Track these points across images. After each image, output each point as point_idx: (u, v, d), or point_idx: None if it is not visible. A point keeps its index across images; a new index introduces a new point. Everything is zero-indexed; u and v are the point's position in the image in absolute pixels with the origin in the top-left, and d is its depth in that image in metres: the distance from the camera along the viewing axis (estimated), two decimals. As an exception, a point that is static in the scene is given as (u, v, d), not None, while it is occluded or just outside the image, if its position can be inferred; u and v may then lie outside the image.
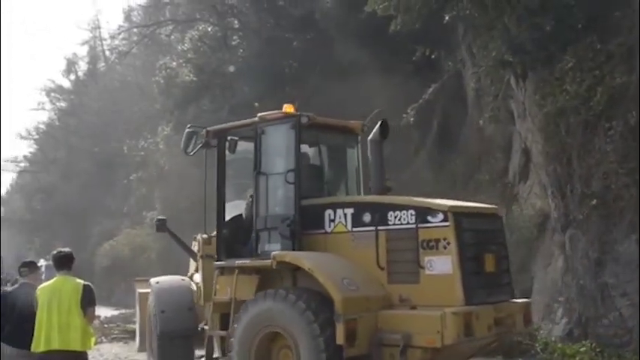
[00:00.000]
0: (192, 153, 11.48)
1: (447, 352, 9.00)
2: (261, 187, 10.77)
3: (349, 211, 10.12)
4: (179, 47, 35.98)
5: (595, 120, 13.98)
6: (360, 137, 11.85)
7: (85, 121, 59.89)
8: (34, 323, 8.31)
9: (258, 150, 10.85)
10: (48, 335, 8.17)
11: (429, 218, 9.33)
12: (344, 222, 10.12)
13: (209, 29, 30.97)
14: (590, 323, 13.99)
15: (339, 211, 10.20)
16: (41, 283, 8.80)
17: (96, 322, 24.62)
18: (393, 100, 23.44)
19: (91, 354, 17.79)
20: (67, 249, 9.02)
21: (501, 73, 17.11)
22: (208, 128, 11.54)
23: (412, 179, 23.40)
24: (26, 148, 76.67)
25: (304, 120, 10.69)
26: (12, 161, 72.19)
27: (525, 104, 16.72)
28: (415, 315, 9.13)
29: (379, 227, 9.72)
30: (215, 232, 11.55)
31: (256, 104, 22.26)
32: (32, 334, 8.29)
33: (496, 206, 10.70)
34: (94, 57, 64.88)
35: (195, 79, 30.49)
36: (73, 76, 66.68)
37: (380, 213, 9.79)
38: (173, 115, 33.91)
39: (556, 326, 14.77)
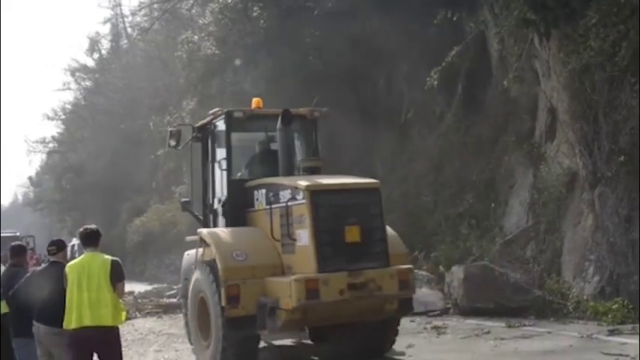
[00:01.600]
0: (180, 148, 13.53)
1: (319, 312, 10.48)
2: (210, 175, 13.06)
3: (263, 191, 11.75)
4: (200, 21, 35.92)
5: (620, 75, 13.86)
6: (312, 122, 13.36)
7: (111, 99, 60.18)
8: (64, 301, 8.37)
9: (211, 142, 13.08)
10: (79, 312, 8.22)
11: (297, 196, 10.70)
12: (262, 201, 11.73)
13: (229, 1, 30.83)
14: (621, 280, 13.98)
15: (261, 192, 11.81)
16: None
17: (130, 297, 25.18)
18: (416, 64, 23.34)
19: (125, 329, 18.42)
20: (93, 226, 9.07)
21: (524, 32, 16.98)
22: (195, 125, 13.66)
23: (438, 143, 23.38)
24: (54, 129, 76.88)
25: (238, 114, 12.52)
26: (40, 142, 72.86)
27: (550, 63, 16.57)
28: (279, 282, 10.54)
29: (273, 205, 11.26)
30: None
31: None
32: (63, 312, 8.35)
33: (374, 181, 11.34)
34: (116, 35, 65.14)
35: (217, 52, 30.44)
36: (96, 55, 66.90)
37: (274, 192, 11.38)
38: (197, 89, 33.94)
39: (587, 284, 14.74)
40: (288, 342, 13.83)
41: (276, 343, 13.60)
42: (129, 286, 29.36)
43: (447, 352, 12.18)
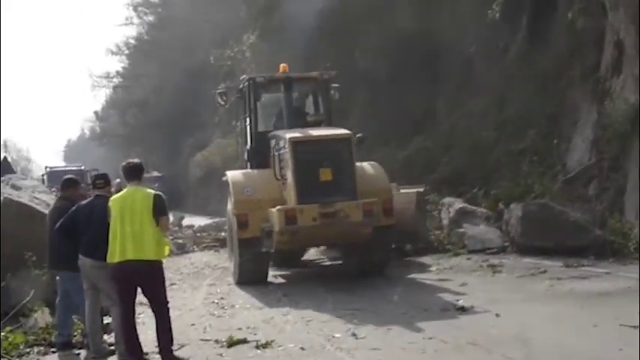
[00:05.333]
0: (227, 106, 16.65)
1: (301, 234, 13.30)
2: (244, 127, 16.32)
3: (273, 141, 14.69)
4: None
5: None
6: (323, 82, 15.91)
7: (173, 34, 60.16)
8: (108, 234, 8.43)
9: (244, 101, 15.99)
10: (123, 245, 8.29)
11: (285, 146, 13.61)
12: (275, 148, 14.51)
13: None
14: (685, 220, 13.64)
15: (272, 142, 14.73)
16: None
17: (189, 231, 25.49)
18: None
19: (182, 262, 18.83)
20: (136, 160, 9.09)
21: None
22: (241, 86, 16.14)
23: (501, 78, 22.98)
24: (118, 64, 76.99)
25: (260, 80, 15.63)
26: (105, 77, 73.42)
27: (617, -6, 16.04)
28: (271, 212, 13.24)
29: (276, 152, 14.37)
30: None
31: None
32: (107, 246, 8.42)
33: (346, 132, 13.88)
34: (177, -32, 64.91)
35: (278, -17, 30.18)
36: (159, -12, 66.92)
37: (277, 142, 14.38)
38: (258, 23, 33.77)
39: (651, 224, 14.42)
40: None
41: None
42: (188, 219, 30.08)
43: (501, 291, 12.07)
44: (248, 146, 15.99)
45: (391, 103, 27.76)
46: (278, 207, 13.16)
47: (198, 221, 29.71)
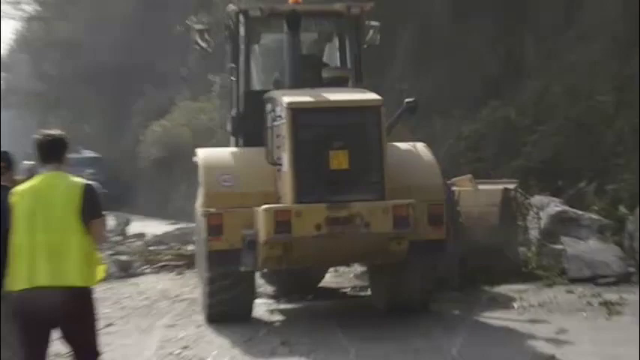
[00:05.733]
0: (211, 50, 16.34)
1: (299, 249, 13.20)
2: (233, 84, 16.14)
3: (270, 106, 14.62)
4: None
5: None
6: (352, 20, 15.95)
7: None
8: (6, 247, 8.30)
9: (233, 45, 16.06)
10: (32, 265, 8.00)
11: (282, 114, 13.52)
12: (271, 117, 14.49)
13: None
14: None
15: (269, 106, 14.65)
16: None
17: (138, 243, 25.46)
18: None
19: (124, 290, 18.69)
20: (57, 131, 8.89)
21: None
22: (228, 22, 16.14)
23: (625, 14, 22.84)
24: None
25: (255, 13, 15.45)
26: (12, 2, 72.69)
27: None
28: (256, 212, 13.20)
29: (270, 123, 14.34)
30: None
31: None
32: (5, 265, 8.29)
33: (375, 97, 13.83)
34: None
35: None
36: None
37: (273, 108, 14.29)
38: None
39: None
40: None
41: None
42: (138, 225, 29.97)
43: (620, 344, 11.91)
44: (233, 112, 16.02)
45: (453, 52, 27.69)
46: (265, 206, 13.08)
47: (153, 228, 29.79)
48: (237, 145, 15.71)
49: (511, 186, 17.90)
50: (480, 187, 17.07)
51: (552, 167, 21.68)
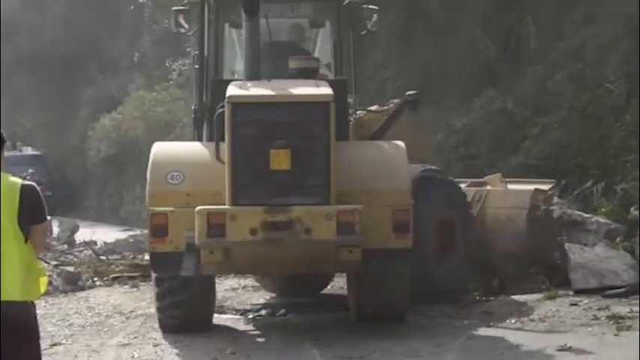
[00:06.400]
0: (191, 33, 16.84)
1: (237, 254, 13.65)
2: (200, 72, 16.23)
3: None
4: None
5: None
6: (335, 4, 16.11)
7: None
8: None
9: (202, 28, 16.10)
10: (-39, 277, 8.11)
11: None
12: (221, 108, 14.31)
13: None
14: None
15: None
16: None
17: (87, 251, 25.39)
18: None
19: (72, 306, 18.68)
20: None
21: None
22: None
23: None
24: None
25: None
26: None
27: None
28: (195, 212, 13.41)
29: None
30: None
31: None
32: None
33: (324, 92, 14.03)
34: None
35: None
36: None
37: (223, 100, 14.02)
38: None
39: None
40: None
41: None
42: (87, 231, 29.89)
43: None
44: (196, 103, 16.24)
45: (442, 33, 27.77)
46: (199, 207, 13.45)
47: (105, 234, 29.77)
48: (200, 140, 15.90)
49: (545, 187, 17.81)
50: (510, 186, 17.02)
51: (555, 165, 21.77)
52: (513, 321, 15.11)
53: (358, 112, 16.78)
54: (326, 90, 14.03)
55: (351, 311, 15.81)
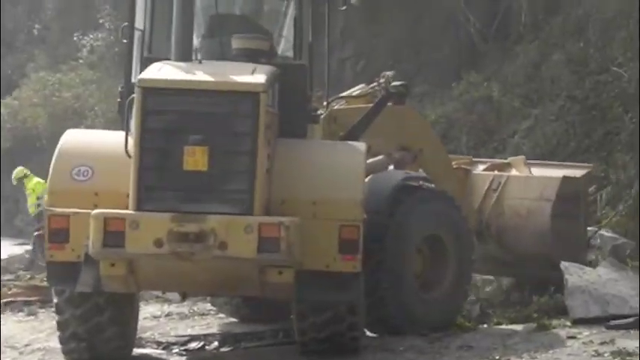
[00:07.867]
0: None
1: (141, 269, 13.28)
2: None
3: None
4: None
5: None
6: None
7: None
8: None
9: None
10: None
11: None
12: None
13: None
14: None
15: None
16: None
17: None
18: None
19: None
20: None
21: None
22: None
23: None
24: None
25: None
26: None
27: None
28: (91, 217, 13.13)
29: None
30: None
31: None
32: None
33: (255, 81, 13.70)
34: None
35: None
36: None
37: None
38: None
39: None
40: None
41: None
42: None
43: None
44: (122, 84, 15.70)
45: (414, 6, 27.84)
46: (95, 210, 13.13)
47: (-2, 249, 29.64)
48: (127, 130, 14.54)
49: (578, 173, 17.73)
50: (535, 171, 16.94)
51: (548, 159, 21.73)
52: (497, 357, 15.03)
53: (333, 104, 16.74)
54: (259, 78, 13.65)
55: (296, 345, 15.33)
